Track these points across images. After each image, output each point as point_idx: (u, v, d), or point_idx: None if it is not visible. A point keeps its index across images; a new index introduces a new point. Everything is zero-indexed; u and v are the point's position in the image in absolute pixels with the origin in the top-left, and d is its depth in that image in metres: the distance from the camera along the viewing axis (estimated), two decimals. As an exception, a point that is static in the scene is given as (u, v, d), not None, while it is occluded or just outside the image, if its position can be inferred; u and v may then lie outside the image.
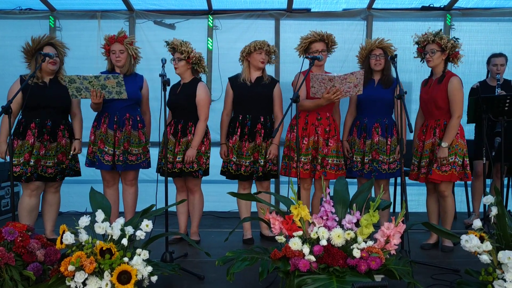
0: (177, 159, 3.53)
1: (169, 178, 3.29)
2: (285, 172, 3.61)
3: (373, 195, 3.57)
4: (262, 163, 3.60)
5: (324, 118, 3.57)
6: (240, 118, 3.64)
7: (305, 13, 5.09)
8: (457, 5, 4.92)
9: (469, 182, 4.43)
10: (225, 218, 4.72)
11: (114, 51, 3.58)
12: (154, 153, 3.86)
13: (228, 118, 3.74)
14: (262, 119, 3.63)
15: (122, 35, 3.63)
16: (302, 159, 3.50)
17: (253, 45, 3.60)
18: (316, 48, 3.57)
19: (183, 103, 3.58)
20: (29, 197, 3.52)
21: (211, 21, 5.08)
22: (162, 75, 2.97)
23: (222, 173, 3.76)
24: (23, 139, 3.43)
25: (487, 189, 4.20)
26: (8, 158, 3.48)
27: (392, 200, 4.07)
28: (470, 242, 2.30)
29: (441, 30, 3.57)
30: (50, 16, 5.08)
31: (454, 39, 3.41)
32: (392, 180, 4.14)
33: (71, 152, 3.58)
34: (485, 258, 2.30)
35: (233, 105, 3.73)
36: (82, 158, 3.82)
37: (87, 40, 5.03)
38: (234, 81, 3.73)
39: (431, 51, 3.38)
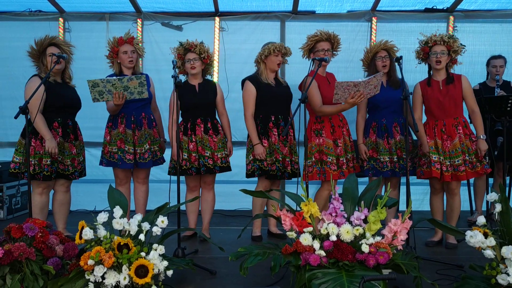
0: (222, 154, 3.66)
1: (173, 177, 3.37)
2: (320, 176, 3.57)
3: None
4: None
5: (344, 119, 3.69)
6: (273, 119, 3.69)
7: (310, 15, 5.18)
8: (460, 7, 5.00)
9: (471, 181, 4.53)
10: (233, 217, 4.80)
11: (126, 51, 3.65)
12: (167, 152, 3.93)
13: (253, 118, 3.72)
14: (289, 119, 3.72)
15: (131, 36, 3.73)
16: (343, 160, 3.54)
17: (272, 48, 3.66)
18: (322, 47, 3.62)
19: (207, 102, 3.69)
20: (39, 195, 3.57)
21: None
22: (175, 77, 3.05)
23: (255, 174, 3.67)
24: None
25: (490, 188, 4.30)
26: (10, 156, 3.58)
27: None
28: (475, 237, 2.38)
29: (453, 34, 3.65)
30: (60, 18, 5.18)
31: (462, 46, 3.50)
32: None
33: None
34: (489, 253, 2.39)
35: (255, 105, 3.73)
36: (89, 158, 3.92)
37: (96, 41, 5.10)
38: (255, 81, 3.72)
39: (442, 52, 3.46)
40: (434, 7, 5.07)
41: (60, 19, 5.17)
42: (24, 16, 5.17)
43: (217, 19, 5.18)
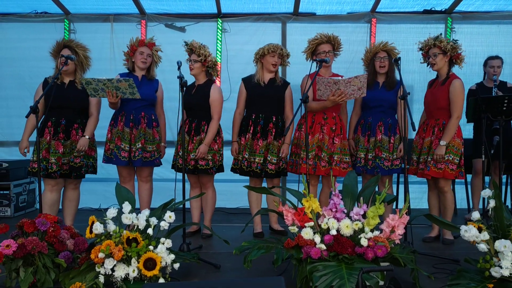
0: (191, 156, 3.71)
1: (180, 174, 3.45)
2: (291, 169, 3.77)
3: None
4: (275, 161, 3.76)
5: (330, 118, 3.74)
6: (253, 117, 3.80)
7: (311, 17, 5.27)
8: (457, 8, 5.10)
9: (469, 180, 4.63)
10: (235, 214, 4.91)
11: (143, 52, 3.77)
12: (169, 152, 4.05)
13: (240, 117, 3.89)
14: (274, 119, 3.80)
15: (153, 41, 3.86)
16: (310, 156, 3.64)
17: (266, 48, 3.77)
18: (323, 49, 3.74)
19: (198, 103, 3.77)
20: (50, 192, 3.68)
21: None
22: (180, 77, 3.15)
23: (233, 170, 3.91)
24: (41, 137, 3.60)
25: (486, 186, 4.39)
26: (28, 155, 3.67)
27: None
28: (469, 232, 2.48)
29: (441, 34, 3.75)
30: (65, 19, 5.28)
31: (454, 41, 3.59)
32: (394, 178, 4.30)
33: (76, 149, 3.61)
34: (482, 247, 2.48)
35: (246, 104, 3.90)
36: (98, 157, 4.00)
37: (101, 42, 5.21)
38: (247, 81, 3.88)
39: (433, 54, 3.57)
40: (433, 9, 5.16)
41: (66, 20, 5.27)
42: (30, 17, 5.26)
43: (219, 20, 5.28)
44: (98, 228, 2.49)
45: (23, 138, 3.65)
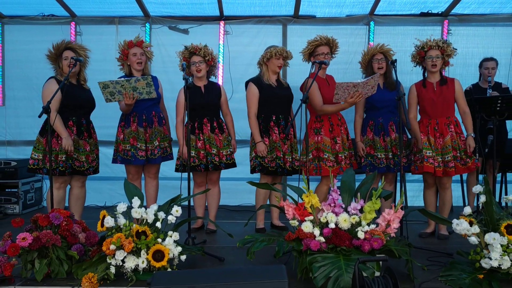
0: (228, 151, 3.91)
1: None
2: (316, 172, 3.78)
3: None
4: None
5: (342, 118, 3.91)
6: (274, 118, 3.91)
7: (311, 19, 5.41)
8: (454, 11, 5.22)
9: (464, 178, 4.77)
10: (237, 211, 5.05)
11: (135, 53, 3.88)
12: (175, 150, 4.17)
13: (256, 117, 3.94)
14: (290, 119, 3.95)
15: (140, 39, 3.97)
16: (342, 156, 3.76)
17: (274, 51, 3.88)
18: (322, 51, 3.86)
19: (212, 103, 3.94)
20: (57, 190, 3.79)
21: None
22: (186, 79, 3.28)
23: (256, 170, 3.90)
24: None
25: (481, 183, 4.52)
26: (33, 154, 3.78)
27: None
28: (460, 225, 2.62)
29: (447, 40, 3.88)
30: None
31: (454, 50, 3.75)
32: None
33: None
34: (473, 239, 2.62)
35: (258, 105, 3.94)
36: (100, 156, 4.11)
37: (106, 44, 5.30)
38: (258, 82, 3.95)
39: (437, 56, 3.70)
40: (429, 11, 5.29)
41: (72, 23, 5.41)
42: (38, 20, 5.40)
43: (222, 23, 5.41)
44: (109, 221, 2.62)
45: (67, 135, 3.61)
